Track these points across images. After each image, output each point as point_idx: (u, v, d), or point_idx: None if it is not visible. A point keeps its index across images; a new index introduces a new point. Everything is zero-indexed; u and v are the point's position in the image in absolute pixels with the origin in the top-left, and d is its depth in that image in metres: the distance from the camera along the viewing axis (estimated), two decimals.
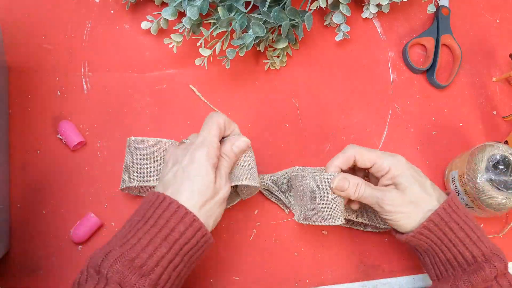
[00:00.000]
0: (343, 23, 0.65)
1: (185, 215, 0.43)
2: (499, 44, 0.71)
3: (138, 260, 0.41)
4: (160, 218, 0.43)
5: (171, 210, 0.43)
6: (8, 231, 0.54)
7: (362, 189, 0.50)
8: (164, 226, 0.42)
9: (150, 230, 0.42)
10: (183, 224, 0.43)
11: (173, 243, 0.42)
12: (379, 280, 0.58)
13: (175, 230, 0.42)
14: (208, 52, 0.58)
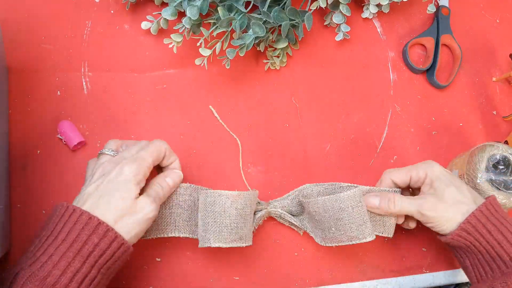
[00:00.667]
0: (343, 23, 0.65)
1: (98, 225, 0.41)
2: (499, 44, 0.71)
3: (51, 278, 0.39)
4: (71, 231, 0.41)
5: (82, 221, 0.41)
6: (8, 231, 0.54)
7: (398, 202, 0.51)
8: (76, 239, 0.40)
9: (61, 245, 0.40)
10: (96, 235, 0.41)
11: (87, 256, 0.40)
12: (379, 280, 0.58)
13: (88, 242, 0.41)
14: (208, 52, 0.58)
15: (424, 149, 0.64)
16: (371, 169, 0.62)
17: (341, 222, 0.50)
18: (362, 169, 0.62)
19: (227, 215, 0.50)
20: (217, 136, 0.61)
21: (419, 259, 0.59)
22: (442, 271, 0.59)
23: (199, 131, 0.61)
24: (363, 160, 0.62)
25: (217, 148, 0.61)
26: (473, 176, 0.55)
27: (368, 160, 0.62)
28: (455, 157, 0.62)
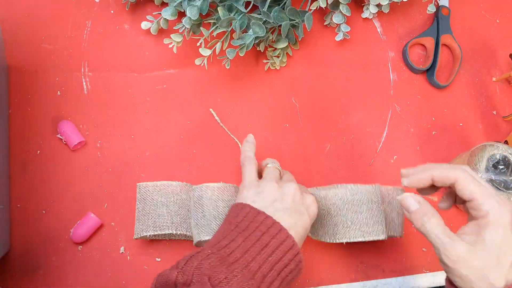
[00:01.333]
0: (343, 23, 0.65)
1: (297, 255, 0.44)
2: (499, 44, 0.71)
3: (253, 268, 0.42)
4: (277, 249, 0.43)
5: (288, 245, 0.44)
6: (8, 231, 0.54)
7: (427, 223, 0.41)
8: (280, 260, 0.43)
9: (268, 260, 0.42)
10: (294, 263, 0.44)
11: (283, 279, 0.43)
12: (379, 280, 0.58)
13: (288, 267, 0.43)
14: (208, 52, 0.58)
15: (424, 149, 0.64)
16: (371, 169, 0.62)
17: (359, 216, 0.50)
18: (362, 169, 0.62)
19: (214, 207, 0.50)
20: (217, 136, 0.61)
21: (419, 259, 0.59)
22: (442, 271, 0.59)
23: (199, 131, 0.61)
24: (363, 160, 0.62)
25: (217, 148, 0.61)
26: None
27: (368, 160, 0.62)
28: (455, 157, 0.62)
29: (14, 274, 0.54)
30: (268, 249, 0.43)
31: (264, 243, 0.43)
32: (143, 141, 0.60)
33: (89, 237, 0.55)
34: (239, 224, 0.45)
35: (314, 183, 0.60)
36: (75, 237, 0.54)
